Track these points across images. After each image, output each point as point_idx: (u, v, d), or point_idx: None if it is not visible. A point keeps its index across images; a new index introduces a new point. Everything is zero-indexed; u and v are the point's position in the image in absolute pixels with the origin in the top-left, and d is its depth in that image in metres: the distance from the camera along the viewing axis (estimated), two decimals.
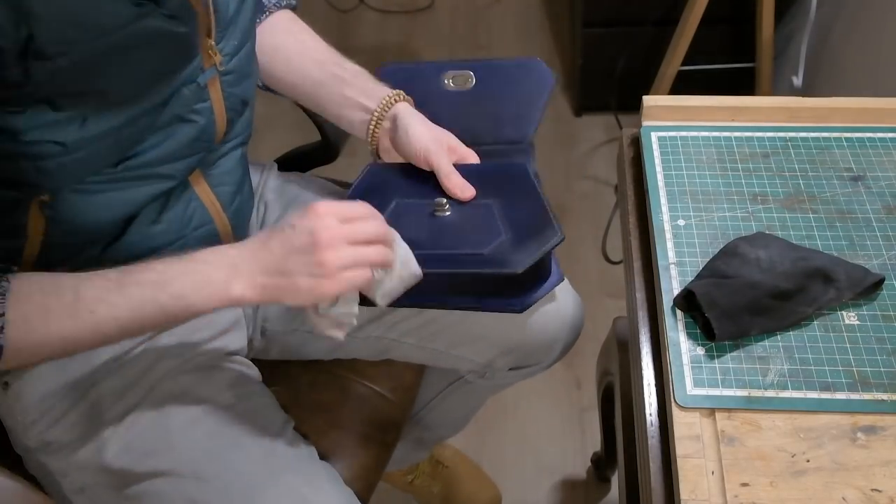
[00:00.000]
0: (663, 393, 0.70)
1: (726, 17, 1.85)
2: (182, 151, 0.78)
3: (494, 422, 1.56)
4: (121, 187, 0.75)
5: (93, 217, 0.75)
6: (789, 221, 0.79)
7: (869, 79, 1.53)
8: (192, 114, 0.77)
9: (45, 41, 0.61)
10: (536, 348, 0.99)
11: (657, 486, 0.66)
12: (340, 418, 0.99)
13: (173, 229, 0.81)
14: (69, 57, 0.63)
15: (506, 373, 1.03)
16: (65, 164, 0.68)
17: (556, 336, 0.99)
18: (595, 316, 1.66)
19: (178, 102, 0.75)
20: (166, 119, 0.75)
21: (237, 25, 0.80)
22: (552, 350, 1.00)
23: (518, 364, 1.02)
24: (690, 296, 0.71)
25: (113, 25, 0.64)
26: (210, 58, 0.77)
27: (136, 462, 0.80)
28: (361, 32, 2.42)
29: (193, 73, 0.75)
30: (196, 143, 0.78)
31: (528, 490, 1.48)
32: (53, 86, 0.64)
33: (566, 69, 2.25)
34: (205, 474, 0.80)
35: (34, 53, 0.61)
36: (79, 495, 0.82)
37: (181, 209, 0.81)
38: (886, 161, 0.83)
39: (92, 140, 0.68)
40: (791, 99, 0.89)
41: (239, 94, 0.82)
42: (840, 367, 0.68)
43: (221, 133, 0.82)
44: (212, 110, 0.79)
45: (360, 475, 0.96)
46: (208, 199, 0.84)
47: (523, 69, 0.92)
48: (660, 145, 0.86)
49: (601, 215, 1.86)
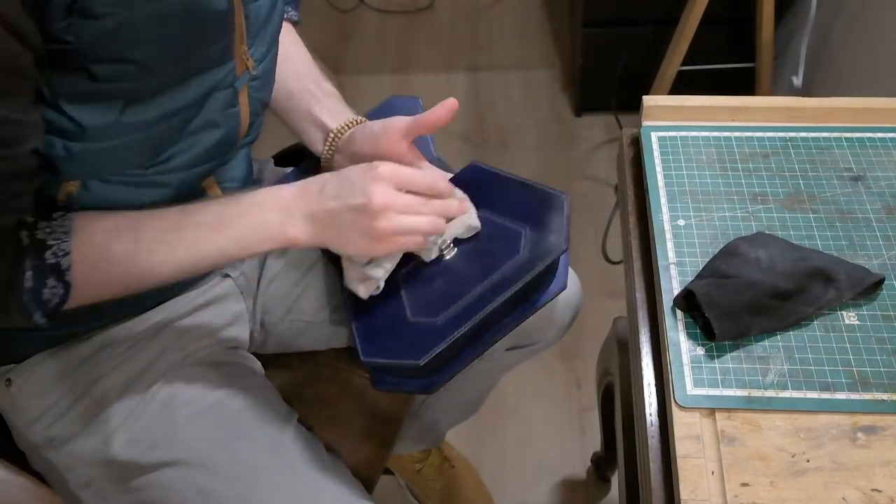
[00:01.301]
0: (663, 393, 0.70)
1: (726, 17, 1.85)
2: (207, 156, 0.78)
3: (494, 422, 1.56)
4: (143, 192, 0.75)
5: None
6: (789, 221, 0.79)
7: (869, 79, 1.53)
8: (221, 119, 0.77)
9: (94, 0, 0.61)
10: (534, 328, 0.99)
11: (657, 486, 0.66)
12: (341, 412, 0.99)
13: None
14: (115, 18, 0.62)
15: (504, 353, 1.04)
16: (93, 150, 0.68)
17: (552, 314, 0.99)
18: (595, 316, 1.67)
19: (212, 107, 0.75)
20: (199, 123, 0.75)
21: (267, 32, 0.80)
22: (549, 329, 1.01)
23: (516, 344, 1.02)
24: (690, 296, 0.71)
25: None
26: (243, 63, 0.77)
27: (142, 454, 0.81)
28: (361, 32, 2.42)
29: (228, 77, 0.76)
30: (219, 146, 0.79)
31: (528, 490, 1.48)
32: (92, 50, 0.63)
33: (566, 69, 2.26)
34: (211, 464, 0.80)
35: (81, 10, 0.61)
36: (85, 490, 0.82)
37: None
38: (886, 161, 0.83)
39: (126, 129, 0.69)
40: (791, 99, 0.89)
41: (262, 99, 0.83)
42: (840, 367, 0.68)
43: (242, 136, 0.83)
44: (239, 115, 0.80)
45: (361, 469, 0.96)
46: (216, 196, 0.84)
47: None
48: (660, 145, 0.86)
49: (601, 215, 1.86)
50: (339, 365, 1.02)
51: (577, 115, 2.14)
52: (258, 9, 0.78)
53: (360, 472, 0.95)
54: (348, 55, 2.34)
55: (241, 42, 0.77)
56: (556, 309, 1.00)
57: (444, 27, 2.45)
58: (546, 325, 1.00)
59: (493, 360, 1.06)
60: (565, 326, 1.04)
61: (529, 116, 2.15)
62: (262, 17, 0.79)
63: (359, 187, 0.72)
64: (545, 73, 2.27)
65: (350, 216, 0.72)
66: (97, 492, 0.82)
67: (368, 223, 0.71)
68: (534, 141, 2.09)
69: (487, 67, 2.31)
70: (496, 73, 2.29)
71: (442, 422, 1.27)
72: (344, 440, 0.97)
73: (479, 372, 1.12)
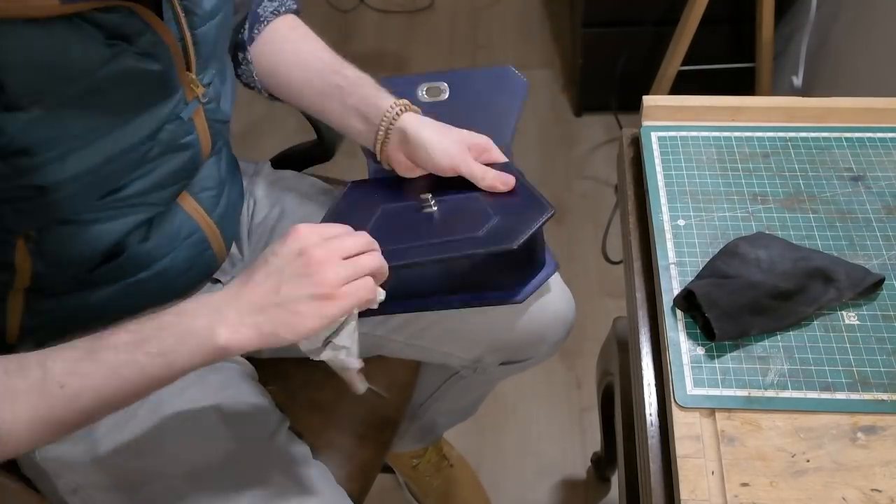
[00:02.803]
0: (663, 393, 0.70)
1: (726, 17, 1.85)
2: (169, 180, 0.78)
3: (494, 422, 1.56)
4: (106, 218, 0.74)
5: (78, 250, 0.75)
6: (789, 221, 0.79)
7: (869, 79, 1.53)
8: (178, 147, 0.77)
9: (16, 92, 0.60)
10: (525, 344, 0.99)
11: (657, 486, 0.66)
12: (336, 417, 0.99)
13: (164, 243, 0.82)
14: (43, 104, 0.62)
15: (497, 367, 1.04)
16: (44, 204, 0.68)
17: (544, 332, 0.99)
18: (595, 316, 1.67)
19: (164, 138, 0.75)
20: (153, 154, 0.74)
21: (216, 55, 0.79)
22: (542, 346, 1.00)
23: (508, 359, 1.02)
24: (690, 296, 0.71)
25: (85, 70, 0.63)
26: (192, 91, 0.77)
27: (129, 462, 0.80)
28: (361, 32, 2.42)
29: (177, 108, 0.75)
30: (182, 170, 0.79)
31: (528, 490, 1.48)
32: (28, 136, 0.63)
33: (566, 69, 2.25)
34: (197, 475, 0.80)
35: (6, 105, 0.60)
36: (73, 496, 0.82)
37: (168, 225, 0.82)
38: (886, 161, 0.83)
39: (72, 180, 0.68)
40: (791, 99, 0.89)
41: (221, 118, 0.83)
42: (840, 367, 0.68)
43: (206, 155, 0.82)
44: (198, 140, 0.79)
45: (355, 474, 0.96)
46: (192, 207, 0.84)
47: (496, 78, 0.91)
48: (660, 145, 0.86)
49: (601, 215, 1.86)
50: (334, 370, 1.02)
51: (577, 115, 2.14)
52: (205, 34, 0.77)
53: (353, 478, 0.95)
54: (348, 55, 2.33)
55: (189, 70, 0.76)
56: (548, 325, 0.99)
57: (444, 27, 2.45)
58: (537, 342, 0.99)
59: (486, 373, 1.05)
60: (558, 342, 1.02)
61: (529, 116, 2.15)
62: (210, 39, 0.78)
63: (287, 253, 0.64)
64: (545, 73, 2.27)
65: (291, 285, 0.63)
66: (85, 498, 0.82)
67: (315, 281, 0.63)
68: (534, 141, 2.09)
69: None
70: None
71: (440, 423, 1.28)
72: (338, 446, 0.97)
73: (473, 382, 1.12)
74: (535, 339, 0.99)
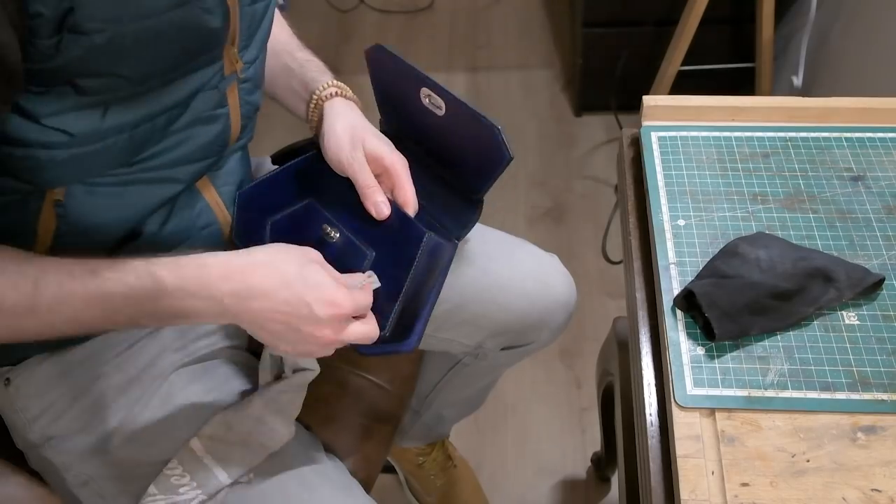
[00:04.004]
0: (663, 393, 0.70)
1: (726, 17, 1.85)
2: (196, 154, 0.78)
3: (494, 422, 1.56)
4: (132, 190, 0.75)
5: (102, 219, 0.75)
6: (789, 221, 0.79)
7: (869, 79, 1.53)
8: (210, 118, 0.77)
9: (84, 16, 0.61)
10: (527, 328, 1.00)
11: (657, 486, 0.66)
12: (339, 410, 0.99)
13: (181, 230, 0.82)
14: (104, 35, 0.62)
15: (498, 353, 1.04)
16: (77, 155, 0.68)
17: (545, 316, 0.99)
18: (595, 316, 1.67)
19: (198, 106, 0.75)
20: (185, 122, 0.75)
21: (259, 36, 0.80)
22: (543, 330, 1.01)
23: (510, 344, 1.02)
24: (690, 296, 0.71)
25: (153, 9, 0.64)
26: (232, 64, 0.77)
27: (140, 453, 0.81)
28: (361, 32, 2.42)
29: (215, 77, 0.76)
30: (210, 146, 0.79)
31: (528, 490, 1.48)
32: (81, 65, 0.63)
33: (566, 69, 2.26)
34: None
35: (71, 26, 0.61)
36: (83, 488, 0.82)
37: (189, 212, 0.82)
38: (886, 161, 0.83)
39: (108, 133, 0.68)
40: (791, 99, 0.89)
41: (253, 102, 0.83)
42: (840, 367, 0.68)
43: (235, 138, 0.83)
44: (228, 116, 0.79)
45: (360, 468, 0.96)
46: (213, 199, 0.84)
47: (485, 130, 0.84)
48: (660, 145, 0.86)
49: (601, 215, 1.86)
50: (337, 364, 1.02)
51: (577, 115, 2.14)
52: (253, 12, 0.78)
53: (358, 471, 0.95)
54: (348, 55, 2.34)
55: (233, 44, 0.77)
56: (549, 308, 1.00)
57: (444, 27, 2.45)
58: (539, 326, 1.00)
59: (488, 359, 1.06)
60: (559, 327, 1.03)
61: (529, 116, 2.15)
62: (256, 20, 0.79)
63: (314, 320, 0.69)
64: (545, 73, 2.27)
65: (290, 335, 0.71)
66: (95, 490, 0.82)
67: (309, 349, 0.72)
68: (534, 141, 2.09)
69: (487, 67, 2.31)
70: (496, 73, 2.29)
71: (446, 417, 1.27)
72: (341, 439, 0.97)
73: (477, 370, 1.12)
74: (536, 322, 0.99)
